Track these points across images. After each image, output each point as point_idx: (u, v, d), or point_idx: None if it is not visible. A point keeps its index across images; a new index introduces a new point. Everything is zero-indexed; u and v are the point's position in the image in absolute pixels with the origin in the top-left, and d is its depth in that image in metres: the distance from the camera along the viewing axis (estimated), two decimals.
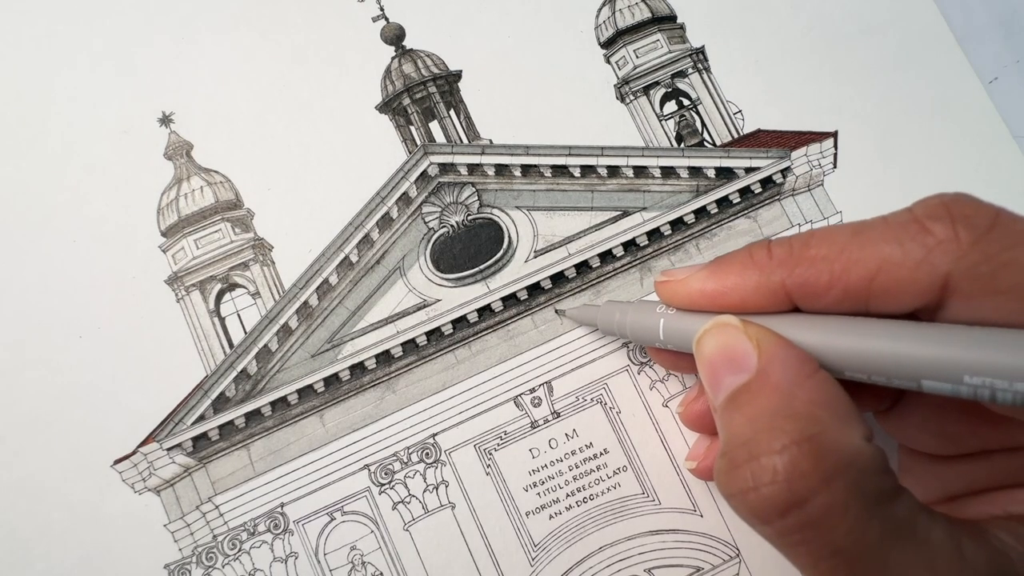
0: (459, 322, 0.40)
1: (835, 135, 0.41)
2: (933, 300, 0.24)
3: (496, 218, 0.42)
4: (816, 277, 0.25)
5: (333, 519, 0.38)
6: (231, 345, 0.40)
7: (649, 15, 0.45)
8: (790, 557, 0.24)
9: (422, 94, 0.43)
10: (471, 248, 0.41)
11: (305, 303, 0.41)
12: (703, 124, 0.44)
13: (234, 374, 0.40)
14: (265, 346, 0.40)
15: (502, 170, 0.42)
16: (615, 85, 0.43)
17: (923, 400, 0.29)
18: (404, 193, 0.42)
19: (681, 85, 0.45)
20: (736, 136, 0.43)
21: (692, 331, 0.29)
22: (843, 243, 0.25)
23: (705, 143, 0.43)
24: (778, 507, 0.23)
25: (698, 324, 0.28)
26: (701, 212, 0.41)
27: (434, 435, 0.39)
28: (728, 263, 0.28)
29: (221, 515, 0.38)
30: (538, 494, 0.38)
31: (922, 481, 0.29)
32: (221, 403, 0.39)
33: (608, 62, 0.43)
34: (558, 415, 0.39)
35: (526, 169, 0.42)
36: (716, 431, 0.35)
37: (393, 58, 0.43)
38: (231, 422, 0.39)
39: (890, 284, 0.24)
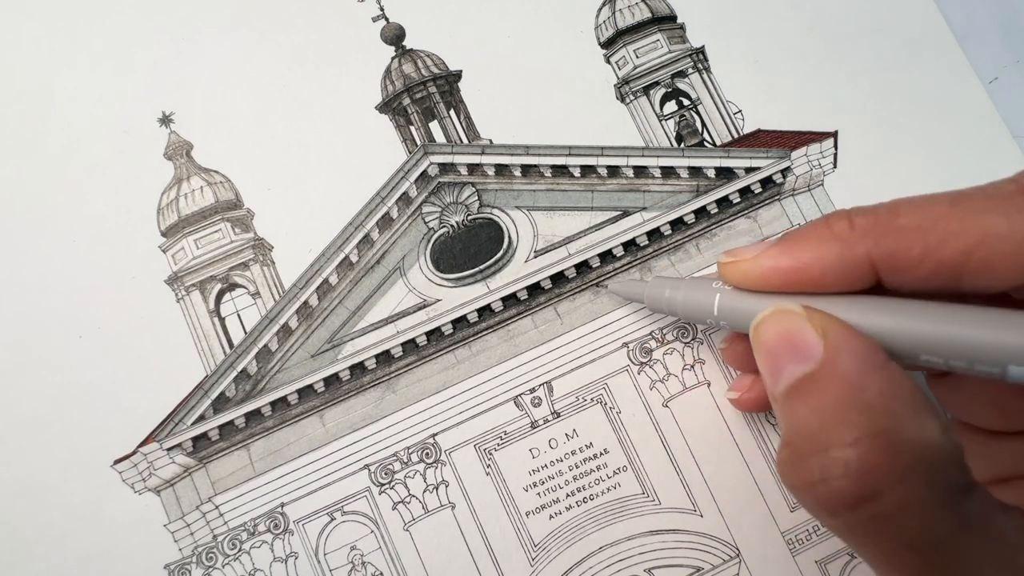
0: (459, 322, 0.40)
1: (835, 135, 0.41)
2: None
3: (496, 218, 0.42)
4: (907, 249, 0.24)
5: (333, 519, 0.38)
6: (231, 345, 0.40)
7: (649, 15, 0.45)
8: (858, 549, 0.24)
9: (422, 94, 0.43)
10: (471, 248, 0.41)
11: (305, 303, 0.41)
12: (703, 124, 0.44)
13: (234, 374, 0.40)
14: (265, 346, 0.40)
15: (502, 170, 0.42)
16: (615, 85, 0.43)
17: None
18: (404, 193, 0.42)
19: (681, 85, 0.45)
20: (736, 136, 0.43)
21: (749, 310, 0.28)
22: (939, 213, 0.23)
23: (705, 143, 0.43)
24: (848, 501, 0.22)
25: (756, 302, 0.27)
26: (701, 212, 0.41)
27: (434, 435, 0.39)
28: (803, 237, 0.26)
29: (221, 515, 0.38)
30: (538, 494, 0.38)
31: (974, 460, 0.28)
32: (221, 403, 0.39)
33: (608, 62, 0.43)
34: (558, 415, 0.39)
35: (526, 169, 0.42)
36: (758, 370, 0.34)
37: (393, 58, 0.43)
38: (231, 422, 0.39)
39: (992, 258, 0.22)
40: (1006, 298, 0.24)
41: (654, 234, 0.41)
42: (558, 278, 0.41)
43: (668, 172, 0.42)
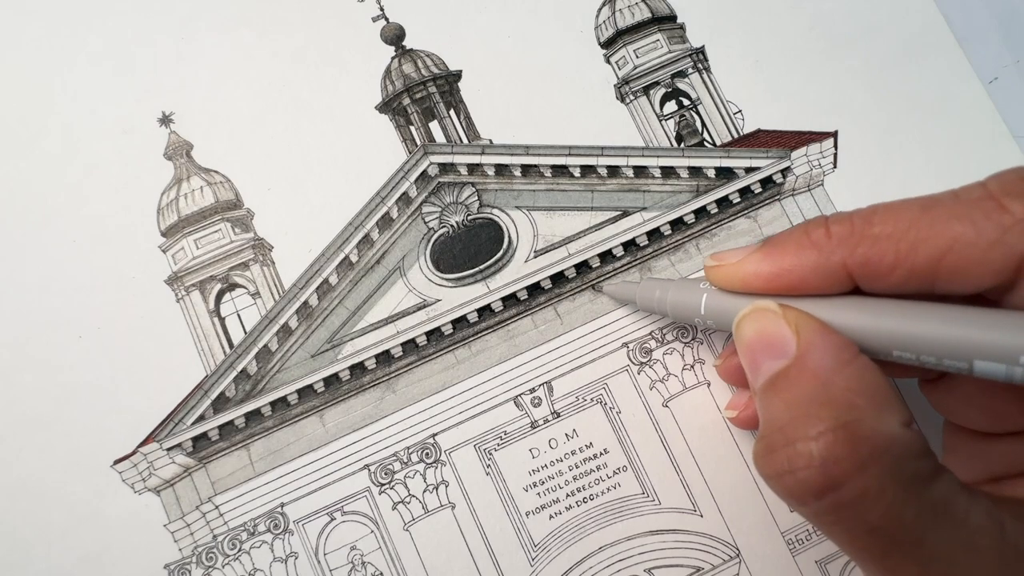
0: (459, 322, 0.40)
1: (835, 135, 0.41)
2: (1005, 281, 0.23)
3: (496, 218, 0.42)
4: (880, 257, 0.24)
5: (333, 519, 0.38)
6: (231, 345, 0.40)
7: (649, 15, 0.45)
8: (827, 535, 0.25)
9: (422, 94, 0.43)
10: (471, 248, 0.41)
11: (305, 303, 0.41)
12: (703, 124, 0.44)
13: (234, 374, 0.40)
14: (265, 346, 0.40)
15: (502, 170, 0.42)
16: (615, 85, 0.43)
17: None
18: (404, 193, 0.42)
19: (681, 85, 0.45)
20: (736, 136, 0.43)
21: (732, 309, 0.29)
22: (910, 220, 0.24)
23: (705, 143, 0.43)
24: (813, 490, 0.23)
25: (739, 302, 0.28)
26: (701, 212, 0.41)
27: (434, 435, 0.39)
28: (783, 244, 0.27)
29: (221, 515, 0.38)
30: (538, 494, 0.38)
31: (966, 460, 0.29)
32: (221, 403, 0.39)
33: (608, 62, 0.43)
34: (558, 415, 0.39)
35: (526, 169, 0.42)
36: None
37: (393, 58, 0.43)
38: (231, 422, 0.39)
39: (961, 264, 0.23)
40: (980, 298, 0.25)
41: (654, 234, 0.41)
42: (558, 278, 0.41)
43: (668, 172, 0.42)
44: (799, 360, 0.25)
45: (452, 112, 0.44)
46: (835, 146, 0.41)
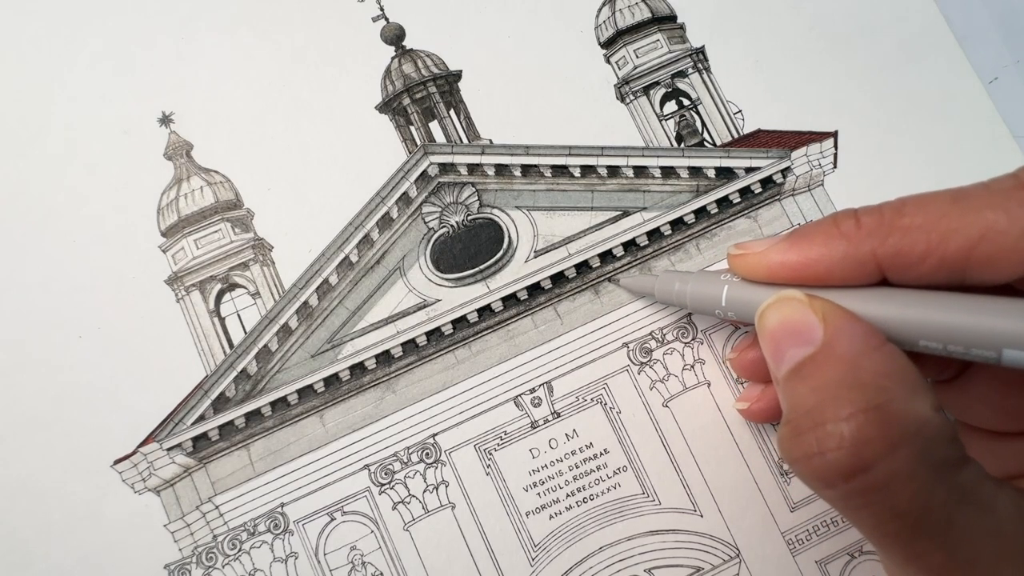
0: (459, 322, 0.40)
1: (835, 135, 0.41)
2: None
3: (496, 218, 0.42)
4: (911, 247, 0.25)
5: (333, 519, 0.38)
6: (231, 345, 0.40)
7: (649, 15, 0.45)
8: (853, 520, 0.25)
9: (422, 94, 0.43)
10: (471, 248, 0.41)
11: (305, 303, 0.41)
12: (703, 124, 0.44)
13: (234, 374, 0.40)
14: (265, 346, 0.40)
15: (502, 170, 0.42)
16: (615, 85, 0.43)
17: (987, 372, 0.29)
18: (404, 193, 0.42)
19: (681, 85, 0.45)
20: (736, 136, 0.43)
21: (755, 300, 0.29)
22: (941, 211, 0.24)
23: (705, 143, 0.43)
24: (843, 472, 0.23)
25: (762, 293, 0.28)
26: (701, 212, 0.41)
27: (434, 435, 0.39)
28: (811, 233, 0.27)
29: (221, 515, 0.38)
30: (538, 494, 0.38)
31: (981, 460, 0.29)
32: (221, 403, 0.39)
33: (608, 62, 0.43)
34: (558, 415, 0.39)
35: (526, 169, 0.42)
36: (767, 379, 0.35)
37: (393, 58, 0.43)
38: (231, 422, 0.39)
39: (993, 253, 0.23)
40: (1009, 289, 0.25)
41: (654, 234, 0.41)
42: (558, 278, 0.41)
43: (668, 172, 0.42)
44: (826, 346, 0.25)
45: (452, 112, 0.44)
46: (835, 146, 0.41)
